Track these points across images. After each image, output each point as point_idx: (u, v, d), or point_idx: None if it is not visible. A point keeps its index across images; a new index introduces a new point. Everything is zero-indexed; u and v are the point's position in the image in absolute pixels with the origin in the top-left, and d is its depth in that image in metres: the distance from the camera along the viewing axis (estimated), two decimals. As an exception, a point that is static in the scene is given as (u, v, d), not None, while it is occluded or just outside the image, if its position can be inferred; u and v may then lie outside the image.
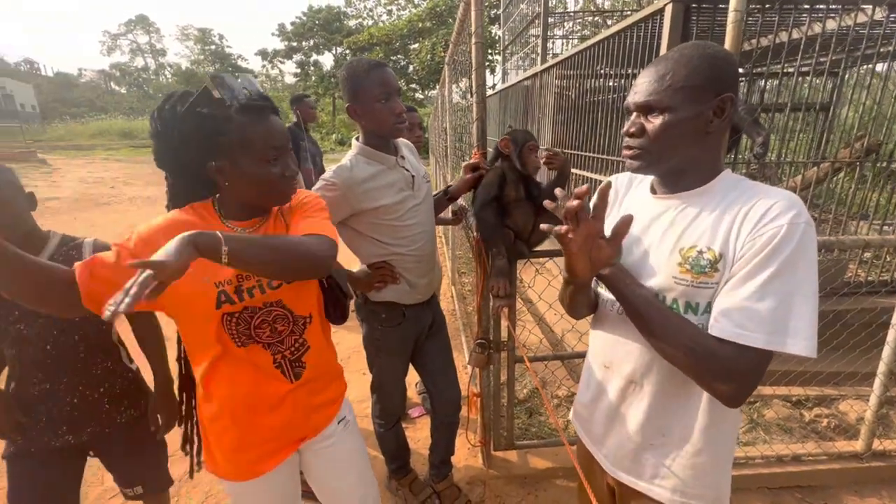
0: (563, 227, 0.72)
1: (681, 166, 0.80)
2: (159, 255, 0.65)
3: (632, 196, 0.93)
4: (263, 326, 0.97)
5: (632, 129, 0.80)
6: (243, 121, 0.87)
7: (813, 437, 2.14)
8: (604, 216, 0.73)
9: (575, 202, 0.69)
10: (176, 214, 0.94)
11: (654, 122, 0.76)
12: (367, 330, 1.64)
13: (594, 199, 0.72)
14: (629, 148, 0.81)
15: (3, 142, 16.92)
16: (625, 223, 0.72)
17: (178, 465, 2.17)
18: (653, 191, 0.88)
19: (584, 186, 0.69)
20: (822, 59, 3.35)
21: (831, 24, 2.45)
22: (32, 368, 1.20)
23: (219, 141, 0.87)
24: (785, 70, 3.63)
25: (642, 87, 0.78)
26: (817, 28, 2.32)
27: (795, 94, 3.65)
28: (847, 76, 3.96)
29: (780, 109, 3.32)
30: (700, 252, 0.75)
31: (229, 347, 0.96)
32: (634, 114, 0.81)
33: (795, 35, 2.57)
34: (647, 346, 0.82)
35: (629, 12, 6.20)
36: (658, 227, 0.82)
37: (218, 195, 0.99)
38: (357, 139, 1.49)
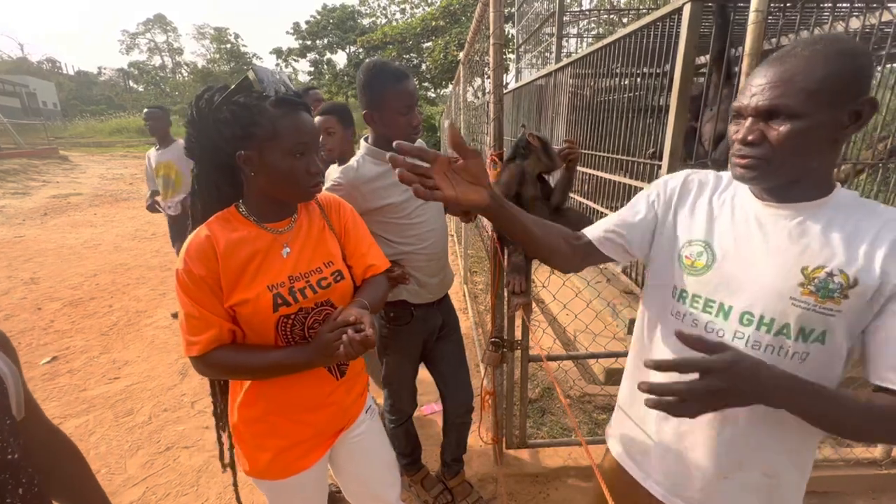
0: (420, 191, 0.67)
1: (798, 176, 0.71)
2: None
3: (725, 198, 0.82)
4: (316, 327, 0.99)
5: (750, 137, 0.70)
6: (276, 113, 0.89)
7: (829, 443, 2.11)
8: (431, 158, 0.69)
9: (403, 175, 0.67)
10: (209, 229, 0.93)
11: (780, 130, 0.67)
12: (376, 327, 1.66)
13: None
14: (744, 157, 0.72)
15: (27, 139, 17.35)
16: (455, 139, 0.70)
17: (196, 455, 2.23)
18: (757, 196, 0.78)
19: (392, 157, 0.67)
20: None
21: (855, 23, 2.40)
22: None
23: (251, 130, 0.89)
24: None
25: (763, 88, 0.68)
26: (840, 27, 2.27)
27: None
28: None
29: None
30: (830, 274, 0.68)
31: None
32: (750, 119, 0.70)
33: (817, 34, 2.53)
34: None
35: (645, 10, 6.13)
36: (770, 238, 0.74)
37: (242, 200, 1.00)
38: (366, 139, 1.51)
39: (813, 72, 0.65)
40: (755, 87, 0.70)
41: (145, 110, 3.53)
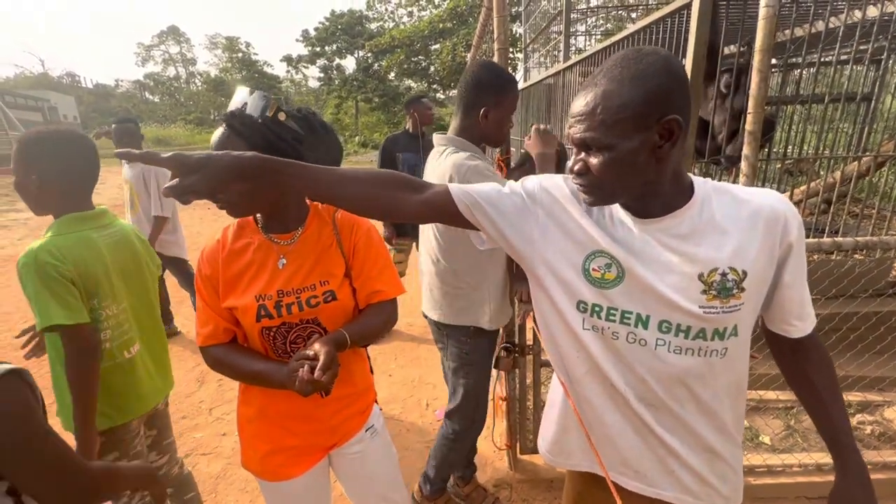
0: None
1: (642, 193, 0.73)
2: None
3: (605, 212, 0.81)
4: (298, 342, 1.01)
5: (576, 168, 0.73)
6: None
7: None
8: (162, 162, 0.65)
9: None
10: (223, 233, 1.04)
11: (596, 161, 0.69)
12: (454, 350, 1.63)
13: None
14: (578, 185, 0.75)
15: (48, 152, 17.86)
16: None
17: (214, 462, 2.26)
18: (631, 213, 0.78)
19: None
20: (862, 48, 3.19)
21: (873, 11, 2.33)
22: None
23: None
24: (822, 60, 3.46)
25: (575, 120, 0.70)
26: (857, 15, 2.21)
27: (834, 85, 3.49)
28: (892, 64, 3.75)
29: (818, 101, 3.17)
30: (724, 275, 0.71)
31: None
32: (575, 150, 0.73)
33: (834, 23, 2.46)
34: (670, 377, 0.77)
35: (654, 5, 6.04)
36: (660, 254, 0.75)
37: None
38: (453, 137, 1.48)
39: (611, 102, 0.66)
40: (572, 119, 0.71)
41: (114, 125, 3.14)
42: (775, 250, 0.72)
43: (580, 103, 0.70)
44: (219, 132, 0.93)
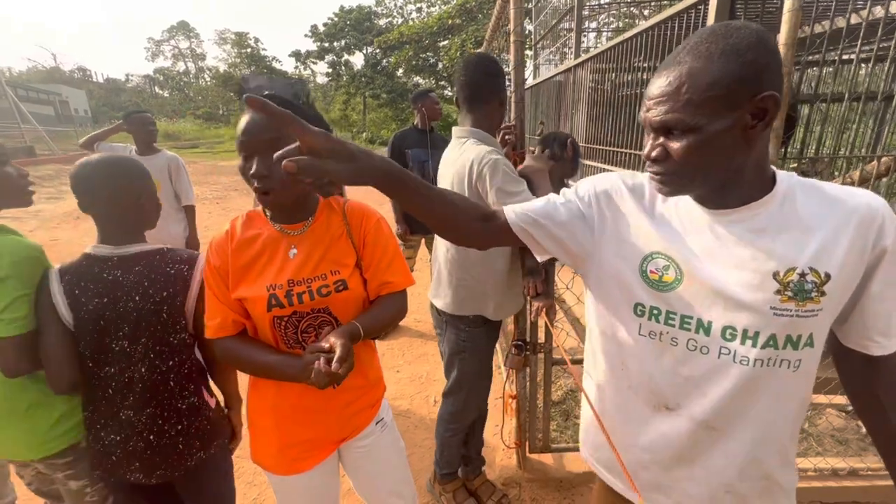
0: (290, 166, 0.55)
1: (724, 181, 0.67)
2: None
3: (670, 206, 0.76)
4: (310, 331, 1.00)
5: (653, 154, 0.67)
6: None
7: (872, 451, 2.01)
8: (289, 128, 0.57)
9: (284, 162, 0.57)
10: (231, 225, 1.03)
11: (678, 145, 0.64)
12: (451, 337, 1.66)
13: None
14: (655, 173, 0.69)
15: (60, 145, 18.06)
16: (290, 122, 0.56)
17: (222, 455, 2.26)
18: (703, 204, 0.72)
19: None
20: (884, 45, 3.12)
21: (896, 7, 2.27)
22: (124, 391, 1.06)
23: None
24: (842, 57, 3.40)
25: (655, 101, 0.65)
26: (879, 11, 2.15)
27: (854, 83, 3.41)
28: (912, 62, 3.66)
29: (838, 99, 3.11)
30: (802, 275, 0.64)
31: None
32: (652, 135, 0.67)
33: (855, 20, 2.40)
34: (734, 391, 0.70)
35: (667, 2, 5.96)
36: (730, 248, 0.69)
37: None
38: (473, 129, 1.50)
39: (697, 80, 0.61)
40: (649, 101, 0.66)
41: (129, 114, 3.02)
42: (865, 255, 0.65)
43: (660, 83, 0.64)
44: (246, 118, 0.89)
